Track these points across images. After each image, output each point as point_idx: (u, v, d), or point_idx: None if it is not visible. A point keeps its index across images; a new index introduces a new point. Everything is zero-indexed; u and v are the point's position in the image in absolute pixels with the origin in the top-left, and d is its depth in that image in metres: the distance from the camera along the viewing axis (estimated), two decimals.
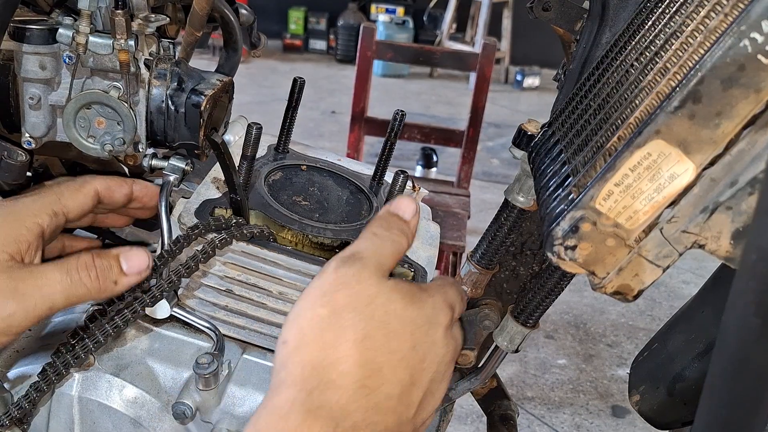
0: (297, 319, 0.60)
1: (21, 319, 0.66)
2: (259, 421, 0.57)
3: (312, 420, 0.55)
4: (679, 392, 0.80)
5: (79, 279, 0.69)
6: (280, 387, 0.57)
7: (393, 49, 3.38)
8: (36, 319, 0.67)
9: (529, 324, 0.73)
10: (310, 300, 0.60)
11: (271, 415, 0.56)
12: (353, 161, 0.93)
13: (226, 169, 0.74)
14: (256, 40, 1.10)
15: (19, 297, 0.66)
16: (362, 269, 0.60)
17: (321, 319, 0.58)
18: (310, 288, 0.61)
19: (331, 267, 0.61)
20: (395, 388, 0.59)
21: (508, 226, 0.73)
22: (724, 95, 0.46)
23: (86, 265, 0.69)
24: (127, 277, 0.71)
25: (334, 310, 0.59)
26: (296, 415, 0.55)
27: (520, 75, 8.25)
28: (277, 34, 9.06)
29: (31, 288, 0.66)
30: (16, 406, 0.74)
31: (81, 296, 0.69)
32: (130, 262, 0.72)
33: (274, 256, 0.76)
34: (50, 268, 0.69)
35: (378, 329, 0.59)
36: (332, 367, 0.57)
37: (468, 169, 3.27)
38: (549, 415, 2.85)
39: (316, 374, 0.57)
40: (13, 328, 0.66)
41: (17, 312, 0.65)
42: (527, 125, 0.69)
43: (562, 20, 0.84)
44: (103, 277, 0.70)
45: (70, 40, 0.75)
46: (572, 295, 3.69)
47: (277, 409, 0.56)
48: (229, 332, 0.81)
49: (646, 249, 0.51)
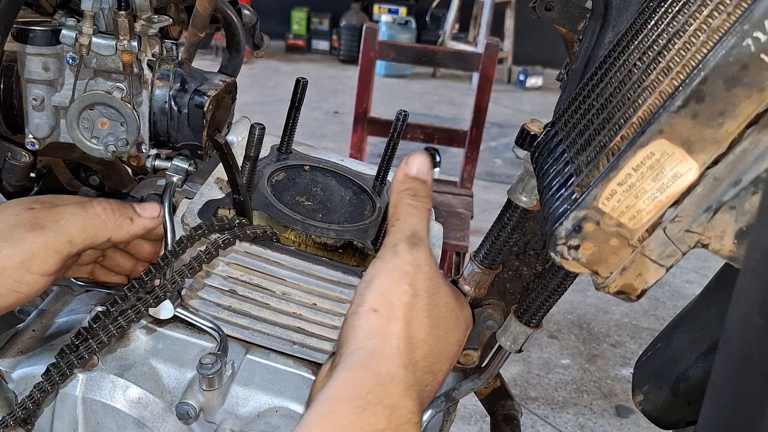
0: (385, 293, 0.62)
1: (42, 251, 0.67)
2: (360, 380, 0.57)
3: (409, 396, 0.58)
4: (683, 392, 0.80)
5: (95, 212, 0.71)
6: (379, 356, 0.59)
7: (396, 49, 3.37)
8: (57, 254, 0.68)
9: (532, 324, 0.73)
10: (393, 277, 0.63)
11: (373, 379, 0.57)
12: (356, 161, 0.93)
13: (229, 170, 0.74)
14: (258, 40, 1.10)
15: (38, 229, 0.67)
16: (427, 253, 0.65)
17: (408, 295, 0.62)
18: (387, 265, 0.63)
19: (404, 249, 0.64)
20: (440, 377, 0.65)
21: (511, 225, 0.73)
22: (728, 94, 0.46)
23: (101, 201, 0.72)
24: (141, 218, 0.73)
25: (416, 291, 0.63)
26: (397, 387, 0.58)
27: (523, 75, 8.24)
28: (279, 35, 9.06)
29: (49, 221, 0.68)
30: (20, 407, 0.74)
31: (97, 228, 0.70)
32: (144, 208, 0.75)
33: (278, 257, 0.76)
34: (68, 204, 0.72)
35: (441, 320, 0.64)
36: (418, 347, 0.61)
37: (471, 169, 3.27)
38: (552, 415, 2.84)
39: (409, 350, 0.60)
40: (36, 262, 0.67)
41: (37, 242, 0.67)
42: (530, 125, 0.69)
43: (564, 20, 0.84)
44: (119, 212, 0.72)
45: (73, 42, 0.75)
46: (575, 295, 3.68)
47: (379, 376, 0.58)
48: (232, 332, 0.81)
49: (649, 248, 0.51)
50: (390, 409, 0.56)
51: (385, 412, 0.56)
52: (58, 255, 0.68)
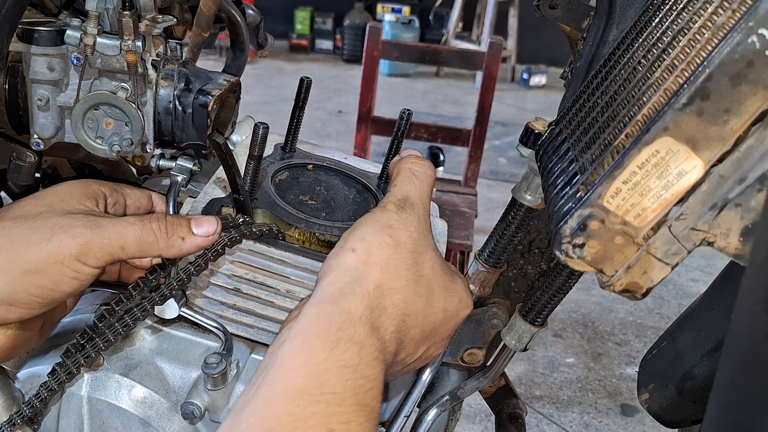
0: (365, 237, 0.65)
1: (97, 249, 0.69)
2: (331, 316, 0.59)
3: (374, 337, 0.60)
4: (689, 390, 0.79)
5: (150, 227, 0.72)
6: (350, 294, 0.61)
7: (399, 48, 3.38)
8: (109, 255, 0.70)
9: (537, 323, 0.73)
10: (375, 227, 0.66)
11: (343, 315, 0.60)
12: (360, 159, 0.93)
13: (228, 170, 0.74)
14: (262, 40, 1.10)
15: (96, 228, 0.70)
16: (417, 217, 0.68)
17: (387, 246, 0.65)
18: (369, 219, 0.67)
19: (392, 209, 0.68)
20: (417, 334, 0.66)
21: (515, 224, 0.73)
22: (733, 92, 0.45)
23: (158, 218, 0.73)
24: (195, 236, 0.74)
25: (398, 243, 0.65)
26: (364, 326, 0.60)
27: (527, 73, 8.23)
28: (283, 35, 9.07)
29: (107, 223, 0.71)
30: (27, 405, 0.75)
31: (151, 244, 0.72)
32: (200, 224, 0.75)
33: (282, 254, 0.76)
34: (125, 217, 0.74)
35: (422, 279, 0.66)
36: (389, 294, 0.63)
37: (475, 168, 3.27)
38: (558, 414, 2.84)
39: (378, 294, 0.62)
40: (90, 258, 0.69)
41: (93, 240, 0.69)
42: (534, 123, 0.69)
43: (569, 18, 0.84)
44: (172, 230, 0.73)
45: (78, 42, 0.75)
46: (580, 294, 3.68)
47: (348, 314, 0.60)
48: (237, 331, 0.81)
49: (654, 246, 0.51)
50: (359, 346, 0.59)
51: (355, 348, 0.58)
52: (109, 257, 0.70)
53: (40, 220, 0.71)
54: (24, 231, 0.69)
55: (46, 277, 0.69)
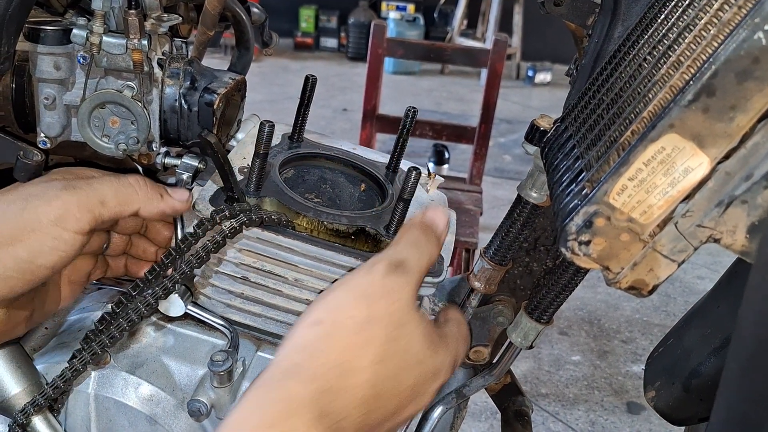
0: (336, 309, 0.59)
1: (74, 208, 0.68)
2: (268, 407, 0.54)
3: (320, 426, 0.54)
4: (695, 388, 0.79)
5: (127, 180, 0.72)
6: (296, 376, 0.56)
7: (404, 46, 3.37)
8: (89, 213, 0.69)
9: (542, 320, 0.73)
10: (353, 295, 0.59)
11: (282, 404, 0.54)
12: (368, 149, 0.92)
13: (220, 168, 0.73)
14: (267, 38, 1.10)
15: (71, 189, 0.69)
16: (406, 284, 0.61)
17: (356, 322, 0.58)
18: (354, 280, 0.61)
19: (380, 270, 0.61)
20: (384, 415, 0.59)
21: (521, 222, 0.73)
22: (739, 88, 0.45)
23: (134, 174, 0.74)
24: (171, 198, 0.75)
25: (371, 317, 0.58)
26: (306, 415, 0.54)
27: (532, 71, 8.21)
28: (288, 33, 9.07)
29: (82, 183, 0.70)
30: (51, 386, 0.76)
31: (129, 195, 0.72)
32: (174, 191, 0.77)
33: (290, 242, 0.75)
34: (102, 174, 0.74)
35: (395, 356, 0.59)
36: (351, 374, 0.56)
37: (480, 165, 3.26)
38: (563, 412, 2.84)
39: (338, 374, 0.56)
40: (69, 219, 0.68)
41: (70, 200, 0.68)
42: (540, 121, 0.69)
43: (573, 15, 0.83)
44: (151, 186, 0.74)
45: (84, 41, 0.75)
46: (586, 291, 3.67)
47: (288, 401, 0.54)
48: (244, 320, 0.81)
49: (660, 244, 0.51)
50: None
51: None
52: (90, 214, 0.69)
53: (14, 193, 0.70)
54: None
55: (23, 248, 0.66)
